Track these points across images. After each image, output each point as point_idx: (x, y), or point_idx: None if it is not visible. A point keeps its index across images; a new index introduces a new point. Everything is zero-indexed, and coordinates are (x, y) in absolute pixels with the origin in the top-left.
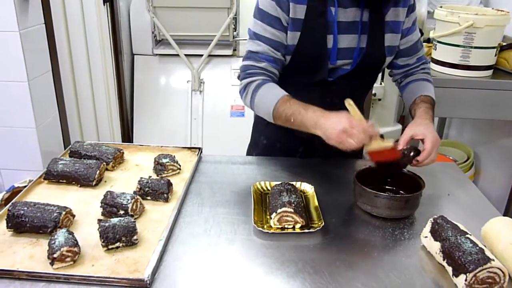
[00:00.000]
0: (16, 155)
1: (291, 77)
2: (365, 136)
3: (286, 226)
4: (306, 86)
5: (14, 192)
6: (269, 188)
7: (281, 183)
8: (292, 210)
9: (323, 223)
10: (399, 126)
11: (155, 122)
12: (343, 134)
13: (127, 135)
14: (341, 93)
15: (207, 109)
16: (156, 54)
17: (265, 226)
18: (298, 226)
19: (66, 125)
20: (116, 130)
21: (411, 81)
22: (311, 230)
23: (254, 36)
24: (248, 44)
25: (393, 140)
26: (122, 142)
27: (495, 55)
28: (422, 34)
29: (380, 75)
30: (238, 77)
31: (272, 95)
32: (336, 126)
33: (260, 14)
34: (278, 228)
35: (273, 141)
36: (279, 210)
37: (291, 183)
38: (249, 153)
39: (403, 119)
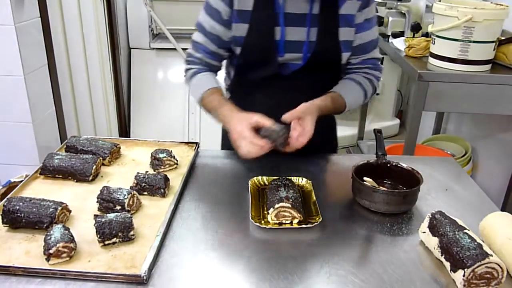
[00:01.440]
0: (12, 150)
1: (245, 71)
2: (254, 148)
3: (283, 222)
4: (262, 81)
5: (11, 187)
6: (266, 183)
7: (278, 178)
8: (289, 205)
9: (321, 218)
10: (397, 121)
11: (152, 116)
12: (235, 142)
13: (124, 130)
14: (299, 88)
15: None
16: (153, 48)
17: (263, 222)
18: (295, 221)
19: (62, 120)
20: (113, 125)
21: (345, 78)
22: (308, 225)
23: (198, 25)
24: (194, 32)
25: None
26: (119, 136)
27: (494, 50)
28: (421, 29)
29: None
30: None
31: (201, 86)
32: (232, 133)
33: (205, 4)
34: (275, 223)
35: None
36: (276, 206)
37: (289, 178)
38: (223, 147)
39: (401, 113)
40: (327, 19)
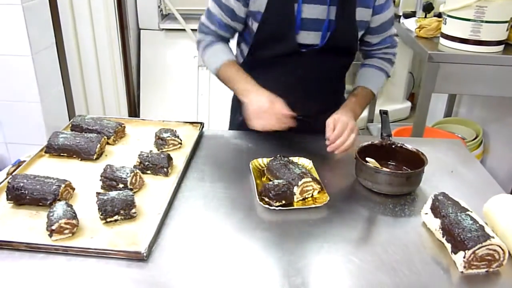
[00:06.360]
0: (21, 129)
1: (261, 48)
2: (276, 121)
3: (306, 196)
4: (278, 58)
5: (20, 166)
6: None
7: (278, 157)
8: (310, 179)
9: (328, 198)
10: (409, 104)
11: (162, 97)
12: (252, 114)
13: (133, 110)
14: (314, 67)
15: (214, 85)
16: (163, 29)
17: (271, 203)
18: (316, 192)
19: (71, 100)
20: (122, 105)
21: (365, 64)
22: (317, 205)
23: None
24: (209, 1)
25: None
26: (129, 117)
27: (507, 30)
28: (433, 9)
29: None
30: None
31: (217, 57)
32: (254, 104)
33: None
34: (300, 200)
35: None
36: (300, 183)
37: (286, 156)
38: (231, 127)
39: (413, 96)
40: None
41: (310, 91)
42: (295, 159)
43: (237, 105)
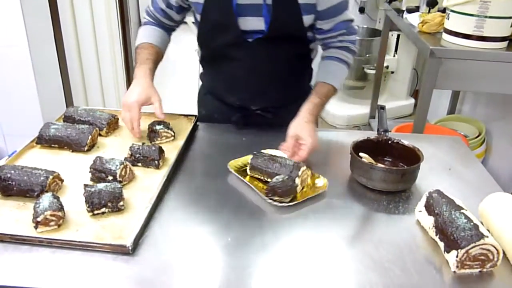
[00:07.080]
0: (18, 121)
1: (210, 39)
2: (129, 125)
3: (303, 186)
4: (227, 49)
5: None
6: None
7: (257, 154)
8: (305, 166)
9: (327, 182)
10: (412, 100)
11: (163, 91)
12: (123, 104)
13: None
14: (265, 57)
15: None
16: None
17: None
18: (309, 179)
19: (69, 92)
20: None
21: (325, 57)
22: (315, 194)
23: None
24: None
25: None
26: None
27: (511, 26)
28: (437, 4)
29: (394, 46)
30: None
31: (142, 37)
32: (127, 93)
33: None
34: (300, 190)
35: (211, 112)
36: (299, 173)
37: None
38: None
39: (417, 93)
40: None
41: (264, 84)
42: (272, 151)
43: (199, 99)
